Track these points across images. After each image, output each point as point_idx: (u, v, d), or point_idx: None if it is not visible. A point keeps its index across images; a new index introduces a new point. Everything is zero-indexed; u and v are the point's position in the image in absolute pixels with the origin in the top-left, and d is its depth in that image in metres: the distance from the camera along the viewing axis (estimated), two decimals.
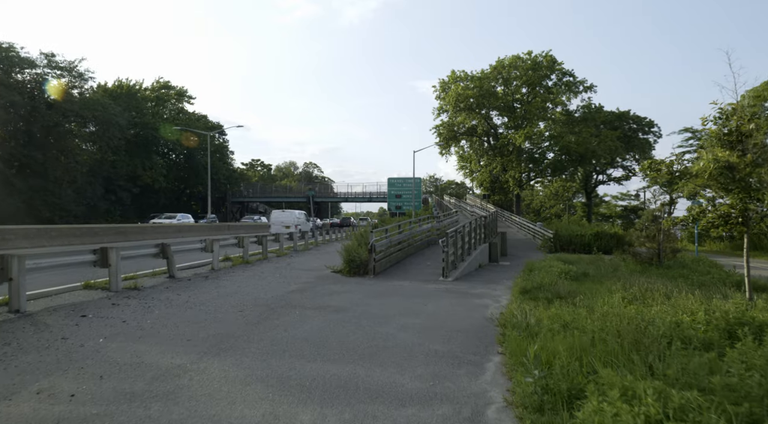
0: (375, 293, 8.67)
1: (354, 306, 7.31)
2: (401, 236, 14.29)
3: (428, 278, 11.01)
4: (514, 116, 44.49)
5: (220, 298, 7.67)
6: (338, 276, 11.11)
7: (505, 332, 5.48)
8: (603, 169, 48.86)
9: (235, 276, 10.44)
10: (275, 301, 7.55)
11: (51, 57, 44.58)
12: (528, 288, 8.56)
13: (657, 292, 7.82)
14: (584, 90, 45.15)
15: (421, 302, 7.80)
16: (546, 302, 7.58)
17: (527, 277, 10.31)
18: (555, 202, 69.74)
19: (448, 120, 47.54)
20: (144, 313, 6.36)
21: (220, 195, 70.71)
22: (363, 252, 11.44)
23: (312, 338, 5.28)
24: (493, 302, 8.05)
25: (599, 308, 6.58)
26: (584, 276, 11.09)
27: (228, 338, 5.21)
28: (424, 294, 8.70)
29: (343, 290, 8.94)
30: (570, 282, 9.75)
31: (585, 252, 23.31)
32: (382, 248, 12.18)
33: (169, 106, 65.12)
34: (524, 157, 45.27)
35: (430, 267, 12.97)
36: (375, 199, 67.77)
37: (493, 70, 45.23)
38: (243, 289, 8.66)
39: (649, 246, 12.76)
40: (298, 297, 7.99)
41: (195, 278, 9.92)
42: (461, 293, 9.00)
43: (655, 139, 47.45)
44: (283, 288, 8.94)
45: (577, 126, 43.22)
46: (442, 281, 10.67)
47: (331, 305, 7.33)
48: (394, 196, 42.74)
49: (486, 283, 10.60)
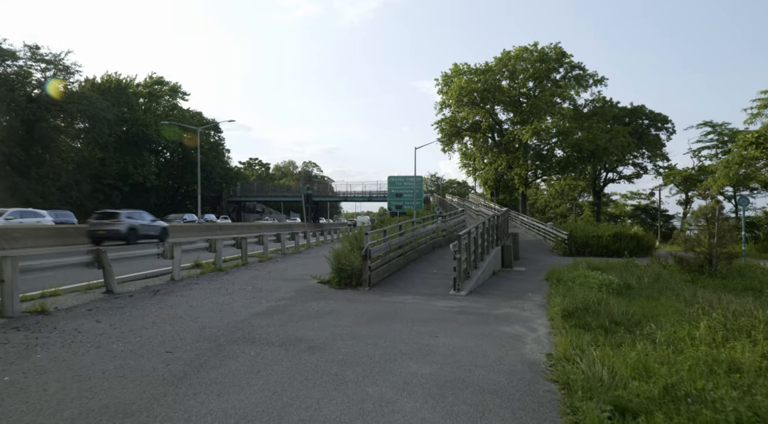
0: (369, 316, 6.59)
1: (338, 339, 5.23)
2: (402, 238, 12.20)
3: (436, 291, 8.92)
4: (520, 111, 42.31)
5: (154, 326, 5.58)
6: (325, 288, 9.02)
7: (572, 399, 3.39)
8: (613, 166, 46.66)
9: (194, 290, 8.35)
10: (229, 331, 5.46)
11: (35, 49, 42.56)
12: (570, 309, 6.47)
13: (752, 317, 5.73)
14: (594, 83, 42.97)
15: (431, 332, 5.71)
16: (602, 331, 5.51)
17: (560, 290, 8.22)
18: (560, 202, 67.61)
19: (451, 115, 45.39)
20: (17, 359, 4.27)
21: (216, 194, 68.58)
22: (356, 259, 9.35)
23: (257, 416, 3.19)
24: (528, 330, 5.96)
25: (692, 347, 4.51)
26: (627, 289, 9.00)
27: (114, 417, 3.12)
28: (433, 317, 6.62)
29: (327, 311, 6.85)
30: (615, 298, 7.67)
31: (603, 255, 21.29)
32: (380, 254, 10.09)
33: (163, 102, 63.01)
34: (531, 153, 43.11)
35: (436, 276, 10.87)
36: (375, 199, 65.67)
37: (498, 62, 43.05)
38: (194, 311, 6.57)
39: (699, 250, 10.66)
40: (263, 324, 5.90)
41: (141, 293, 7.82)
42: (481, 314, 6.90)
43: (668, 135, 45.29)
44: (249, 308, 6.85)
45: (587, 121, 41.05)
46: (454, 295, 8.58)
47: (305, 338, 5.25)
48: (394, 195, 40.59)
49: (508, 298, 8.50)
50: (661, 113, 45.55)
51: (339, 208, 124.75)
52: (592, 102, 44.64)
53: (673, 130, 45.21)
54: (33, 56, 42.29)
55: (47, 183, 40.86)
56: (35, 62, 42.47)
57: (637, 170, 46.98)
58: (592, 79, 42.94)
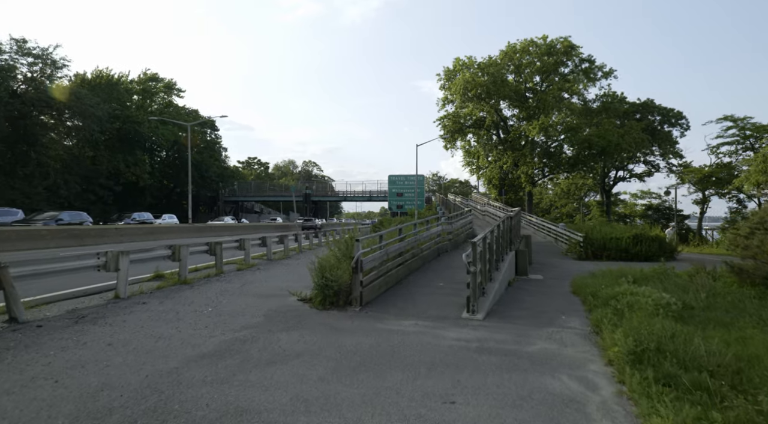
0: (355, 359, 4.73)
1: (301, 412, 3.37)
2: (403, 244, 10.30)
3: (445, 312, 7.05)
4: (526, 107, 40.36)
5: (25, 389, 3.73)
6: (305, 309, 7.16)
7: None
8: (623, 164, 44.59)
9: (134, 314, 6.49)
10: (140, 396, 3.61)
11: (22, 43, 40.83)
12: (637, 351, 4.59)
13: None
14: (603, 76, 40.99)
15: (444, 392, 3.86)
16: (703, 393, 3.65)
17: (607, 315, 6.35)
18: (566, 201, 65.59)
19: (454, 111, 43.45)
20: None
21: (212, 194, 66.79)
22: (345, 272, 7.50)
23: None
24: (584, 387, 4.08)
25: None
26: (688, 310, 7.11)
27: None
28: (444, 359, 4.76)
29: (298, 350, 4.99)
30: (680, 324, 5.80)
31: (622, 259, 19.42)
32: (375, 264, 8.24)
33: (157, 99, 61.20)
34: (538, 151, 41.14)
35: (444, 290, 9.00)
36: (375, 199, 63.79)
37: (503, 56, 41.09)
38: (111, 353, 4.71)
39: (762, 260, 8.77)
40: (198, 379, 4.04)
41: (57, 321, 5.97)
42: (509, 353, 5.04)
43: (682, 132, 43.21)
44: (192, 347, 5.00)
45: (596, 117, 39.04)
46: (468, 319, 6.71)
47: (251, 409, 3.39)
48: (395, 194, 38.65)
49: (538, 323, 6.62)
50: (674, 109, 43.55)
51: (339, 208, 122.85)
52: (602, 97, 42.65)
53: (687, 126, 43.20)
54: (20, 50, 40.57)
55: (34, 182, 39.10)
56: (22, 56, 40.76)
57: (648, 168, 44.95)
58: (601, 72, 40.97)
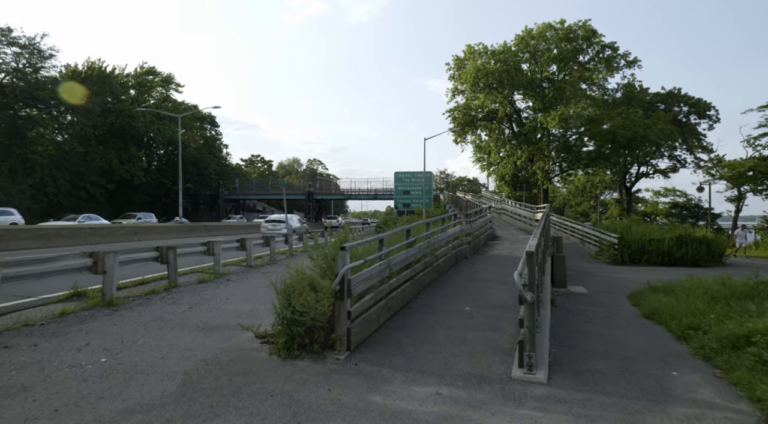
0: None
1: None
2: (412, 252, 7.56)
3: (480, 368, 4.37)
4: (541, 97, 37.36)
5: None
6: (260, 357, 4.51)
7: None
8: (646, 159, 41.41)
9: None
10: None
11: (7, 32, 38.59)
12: None
13: None
14: (627, 65, 37.95)
15: None
16: None
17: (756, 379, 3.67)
18: (581, 199, 62.43)
19: (465, 102, 40.57)
20: None
21: (212, 192, 64.32)
22: (324, 298, 4.82)
23: None
24: None
25: None
26: None
27: None
28: None
29: None
30: None
31: (665, 264, 16.64)
32: (372, 282, 5.56)
33: (154, 94, 58.83)
34: (556, 144, 38.15)
35: (472, 318, 6.29)
36: (381, 197, 61.01)
37: (519, 41, 38.10)
38: None
39: None
40: None
41: None
42: None
43: (711, 124, 39.97)
44: None
45: (617, 108, 36.00)
46: (524, 382, 4.01)
47: None
48: (401, 192, 35.95)
49: (643, 393, 3.91)
50: (702, 99, 40.30)
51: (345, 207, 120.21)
52: (624, 87, 39.53)
53: (717, 118, 39.95)
54: (5, 39, 38.33)
55: (17, 178, 36.83)
56: (6, 46, 38.51)
57: (673, 164, 41.71)
58: (624, 61, 37.93)
